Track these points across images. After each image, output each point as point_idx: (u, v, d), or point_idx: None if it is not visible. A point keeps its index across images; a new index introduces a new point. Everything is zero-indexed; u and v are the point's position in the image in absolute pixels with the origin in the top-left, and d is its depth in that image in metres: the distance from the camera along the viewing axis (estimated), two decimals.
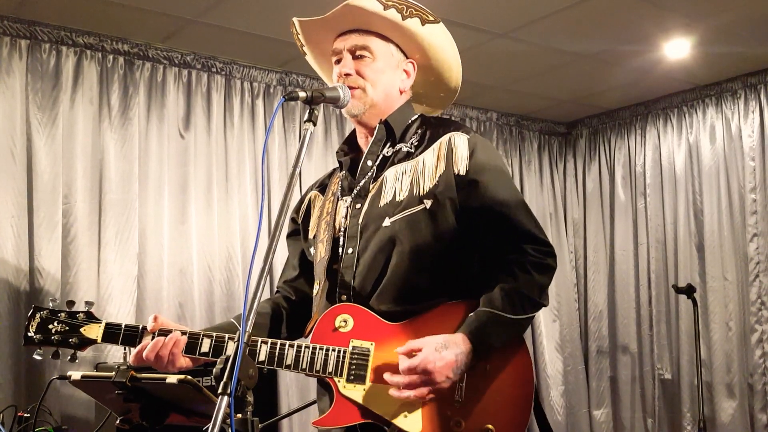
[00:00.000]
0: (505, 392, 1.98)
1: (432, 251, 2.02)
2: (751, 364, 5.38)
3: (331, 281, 2.11)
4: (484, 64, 5.06)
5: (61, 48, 4.32)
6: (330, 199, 2.23)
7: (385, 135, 2.16)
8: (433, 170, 2.06)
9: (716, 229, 5.62)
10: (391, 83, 2.17)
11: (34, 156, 4.16)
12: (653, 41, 4.79)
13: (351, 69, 2.11)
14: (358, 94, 2.10)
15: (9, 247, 4.00)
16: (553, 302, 6.31)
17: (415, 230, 2.02)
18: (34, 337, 2.05)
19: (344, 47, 2.15)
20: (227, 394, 1.45)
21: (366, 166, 2.16)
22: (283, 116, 5.12)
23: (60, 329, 2.07)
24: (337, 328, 1.99)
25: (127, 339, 2.05)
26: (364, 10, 2.10)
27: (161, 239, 4.54)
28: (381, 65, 2.14)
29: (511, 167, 6.36)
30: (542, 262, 2.02)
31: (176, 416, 2.09)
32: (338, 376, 1.94)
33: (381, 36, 2.16)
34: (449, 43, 2.21)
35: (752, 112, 5.50)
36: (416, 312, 1.99)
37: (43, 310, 2.08)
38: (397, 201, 2.05)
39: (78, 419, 3.95)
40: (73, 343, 2.06)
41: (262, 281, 1.59)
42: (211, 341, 1.98)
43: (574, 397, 6.27)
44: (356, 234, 2.08)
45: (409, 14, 2.12)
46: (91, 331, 2.07)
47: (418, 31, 2.15)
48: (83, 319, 2.09)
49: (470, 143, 2.08)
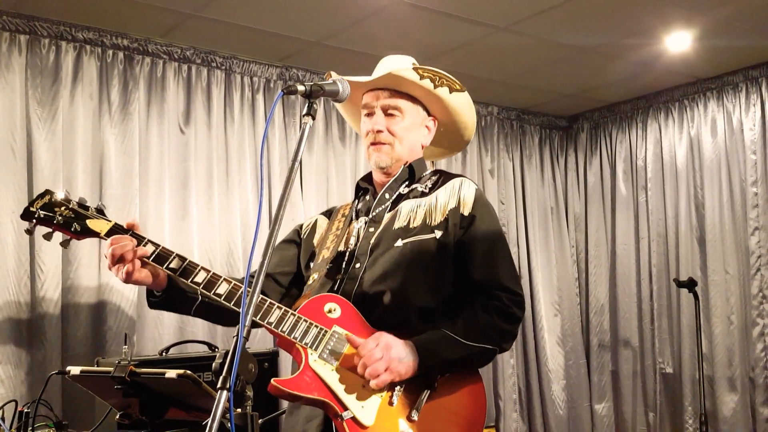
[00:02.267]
0: (457, 425, 2.07)
1: (434, 278, 2.18)
2: (752, 357, 5.38)
3: (333, 285, 2.22)
4: (485, 58, 5.04)
5: (61, 43, 4.31)
6: (340, 219, 2.40)
7: (406, 176, 2.37)
8: (444, 206, 2.25)
9: (717, 223, 5.61)
10: (416, 139, 2.39)
11: (34, 151, 4.15)
12: (654, 34, 4.77)
13: (383, 126, 2.31)
14: (386, 150, 2.31)
15: (9, 242, 4.00)
16: (555, 297, 6.31)
17: (423, 255, 2.18)
18: (37, 212, 2.08)
19: (377, 105, 2.33)
20: (226, 388, 1.45)
21: (383, 198, 2.35)
22: (284, 110, 5.12)
23: (66, 213, 2.10)
24: (325, 312, 2.10)
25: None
26: (404, 78, 2.28)
27: (162, 234, 4.53)
28: (409, 124, 2.35)
29: (512, 161, 6.36)
30: (507, 310, 2.16)
31: (175, 411, 2.10)
32: (312, 349, 2.03)
33: (410, 97, 2.35)
34: (469, 108, 2.44)
35: (753, 106, 5.49)
36: (404, 330, 2.09)
37: (55, 194, 2.12)
38: (410, 227, 2.23)
39: (79, 414, 3.95)
40: (74, 229, 2.09)
41: (261, 274, 1.59)
42: (183, 262, 2.09)
43: (575, 392, 6.27)
44: (366, 252, 2.23)
45: (440, 84, 2.32)
46: (97, 225, 2.11)
47: (445, 98, 2.36)
48: (93, 212, 2.12)
49: (477, 193, 2.30)
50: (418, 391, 2.05)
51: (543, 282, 6.26)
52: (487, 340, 2.11)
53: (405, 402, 2.03)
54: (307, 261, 2.39)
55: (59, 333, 4.08)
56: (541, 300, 6.20)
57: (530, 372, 6.13)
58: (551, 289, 6.31)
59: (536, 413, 6.08)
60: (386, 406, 2.00)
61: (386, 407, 2.00)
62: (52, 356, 4.02)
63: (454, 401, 2.08)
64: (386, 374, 1.96)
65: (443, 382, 2.08)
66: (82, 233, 2.10)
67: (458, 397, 2.09)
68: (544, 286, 6.26)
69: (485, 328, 2.11)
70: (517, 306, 2.18)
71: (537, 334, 6.17)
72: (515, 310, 2.17)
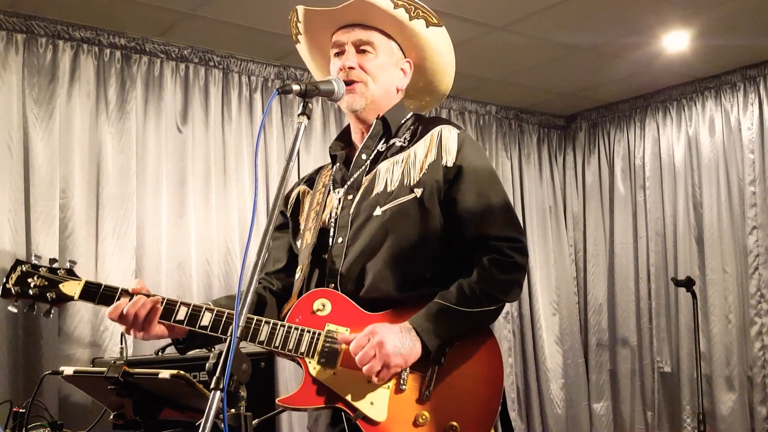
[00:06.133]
0: (473, 391, 1.98)
1: (420, 242, 2.03)
2: (750, 356, 5.38)
3: (319, 269, 2.12)
4: (483, 57, 5.04)
5: (58, 42, 4.31)
6: (320, 190, 2.24)
7: (381, 131, 2.18)
8: (423, 160, 2.09)
9: (716, 222, 5.61)
10: (391, 80, 2.19)
11: (31, 150, 4.15)
12: (652, 34, 4.77)
13: (355, 63, 2.12)
14: (359, 88, 2.11)
15: (6, 241, 4.00)
16: (553, 295, 6.31)
17: (405, 220, 2.04)
18: (12, 289, 2.03)
19: (348, 40, 2.14)
20: (220, 389, 1.44)
21: (360, 159, 2.18)
22: (281, 110, 5.11)
23: (39, 283, 2.05)
24: (314, 311, 2.01)
25: (104, 299, 2.02)
26: (375, 6, 2.10)
27: (159, 233, 4.53)
28: (383, 61, 2.16)
29: (510, 160, 6.35)
30: (507, 260, 2.02)
31: (169, 411, 2.09)
32: (309, 358, 1.95)
33: (383, 33, 2.17)
34: (448, 48, 2.23)
35: (751, 105, 5.49)
36: (398, 302, 2.01)
37: (25, 264, 2.06)
38: (388, 191, 2.07)
39: (74, 414, 3.94)
40: (50, 298, 2.04)
41: (256, 274, 1.58)
42: (187, 310, 1.99)
43: (573, 391, 6.27)
44: (347, 224, 2.10)
45: (416, 15, 2.14)
46: (70, 288, 2.05)
47: (422, 33, 2.17)
48: (63, 275, 2.06)
49: (459, 138, 2.11)
50: (425, 368, 1.96)
51: (541, 281, 6.25)
52: (489, 301, 1.99)
53: (415, 384, 1.95)
54: (296, 240, 2.27)
55: (55, 333, 4.07)
56: (540, 299, 6.20)
57: (528, 371, 6.12)
58: (549, 288, 6.31)
59: (534, 412, 6.08)
60: (396, 395, 1.94)
61: (396, 396, 1.93)
62: (48, 356, 4.02)
63: (467, 363, 1.98)
64: (385, 371, 1.89)
65: (450, 350, 1.98)
66: (58, 300, 2.04)
67: (470, 358, 1.99)
68: (543, 285, 6.26)
69: (485, 288, 1.98)
70: (518, 252, 2.03)
71: (535, 333, 6.17)
72: (516, 257, 2.03)
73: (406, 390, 1.94)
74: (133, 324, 1.98)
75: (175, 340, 2.12)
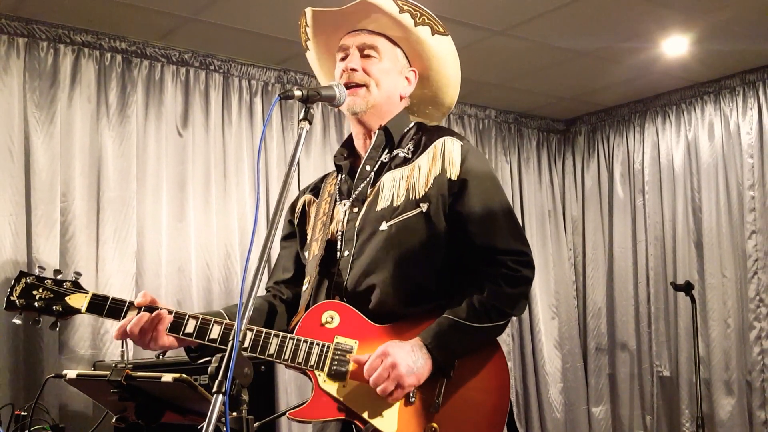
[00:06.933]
0: (481, 402, 1.99)
1: (425, 256, 2.04)
2: (749, 361, 5.38)
3: (326, 281, 2.12)
4: (483, 61, 5.05)
5: (59, 46, 4.32)
6: (326, 200, 2.24)
7: (384, 141, 2.19)
8: (427, 173, 2.09)
9: (715, 227, 5.61)
10: (394, 86, 2.19)
11: (32, 154, 4.15)
12: (651, 38, 4.78)
13: (358, 65, 2.13)
14: (362, 92, 2.12)
15: (7, 245, 4.00)
16: (552, 300, 6.31)
17: (410, 234, 2.04)
18: (17, 301, 2.02)
19: (353, 44, 2.16)
20: (222, 392, 1.44)
21: (364, 171, 2.18)
22: (282, 114, 5.12)
23: (44, 296, 2.03)
24: (323, 323, 2.01)
25: (112, 312, 2.02)
26: (380, 8, 2.11)
27: (159, 237, 4.54)
28: (387, 66, 2.16)
29: (509, 164, 6.36)
30: (514, 275, 2.02)
31: (172, 415, 2.09)
32: (319, 370, 1.96)
33: (389, 39, 2.18)
34: (453, 59, 2.25)
35: (750, 110, 5.50)
36: (405, 316, 2.01)
37: (30, 276, 2.05)
38: (394, 206, 2.07)
39: (76, 418, 3.95)
40: (56, 311, 2.03)
41: (258, 279, 1.58)
42: (196, 323, 1.99)
43: (572, 395, 6.27)
44: (353, 237, 2.10)
45: (421, 22, 2.14)
46: (76, 301, 2.04)
47: (427, 40, 2.18)
48: (69, 287, 2.05)
49: (463, 150, 2.11)
50: (434, 380, 1.96)
51: (540, 285, 6.25)
52: (499, 316, 1.99)
53: (424, 395, 1.95)
54: (303, 250, 2.28)
55: (56, 336, 4.07)
56: (539, 303, 6.20)
57: (527, 375, 6.12)
58: (548, 292, 6.31)
59: (533, 417, 6.08)
60: (406, 407, 1.94)
61: (406, 408, 1.94)
62: (50, 360, 4.02)
63: (475, 375, 1.99)
64: (399, 391, 1.89)
65: (458, 362, 1.99)
66: (64, 313, 2.03)
67: (478, 370, 2.00)
68: (542, 289, 6.26)
69: (494, 303, 1.98)
70: (524, 266, 2.04)
71: (534, 337, 6.17)
72: (523, 271, 2.03)
73: (415, 402, 1.95)
74: (140, 340, 1.99)
75: (187, 348, 2.11)
